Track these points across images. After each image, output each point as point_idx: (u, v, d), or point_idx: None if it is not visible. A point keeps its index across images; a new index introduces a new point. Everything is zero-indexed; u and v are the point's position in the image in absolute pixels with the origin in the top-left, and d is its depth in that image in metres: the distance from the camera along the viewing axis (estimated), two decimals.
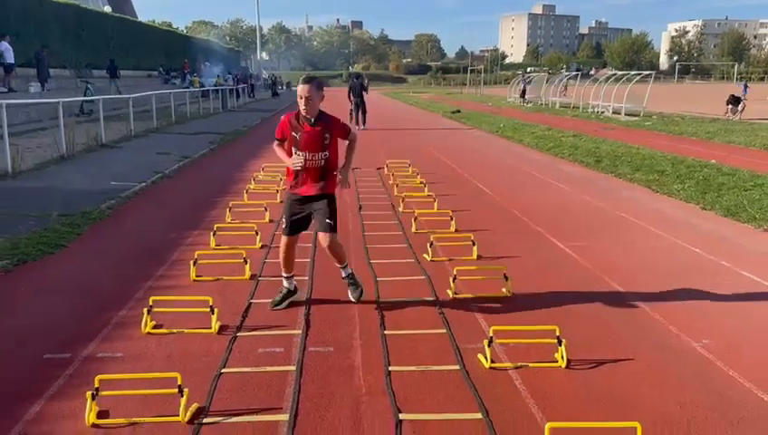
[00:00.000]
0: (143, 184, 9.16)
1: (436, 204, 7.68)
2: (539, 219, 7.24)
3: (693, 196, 8.34)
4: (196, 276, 5.02)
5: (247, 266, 5.15)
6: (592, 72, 46.24)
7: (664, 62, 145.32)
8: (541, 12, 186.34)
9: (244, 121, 22.23)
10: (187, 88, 28.22)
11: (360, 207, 7.86)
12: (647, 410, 2.98)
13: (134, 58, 34.30)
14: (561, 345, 3.46)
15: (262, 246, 6.00)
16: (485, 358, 3.46)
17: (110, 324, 4.10)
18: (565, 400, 3.04)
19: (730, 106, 23.15)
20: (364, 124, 19.94)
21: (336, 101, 41.78)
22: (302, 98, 4.08)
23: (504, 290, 4.68)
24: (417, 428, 2.92)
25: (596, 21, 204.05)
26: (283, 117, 4.30)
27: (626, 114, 23.48)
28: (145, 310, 4.03)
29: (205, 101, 26.47)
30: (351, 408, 3.10)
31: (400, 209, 7.70)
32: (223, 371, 3.47)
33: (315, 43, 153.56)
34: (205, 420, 2.95)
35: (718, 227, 6.92)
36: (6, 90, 18.68)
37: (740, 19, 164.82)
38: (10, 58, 19.70)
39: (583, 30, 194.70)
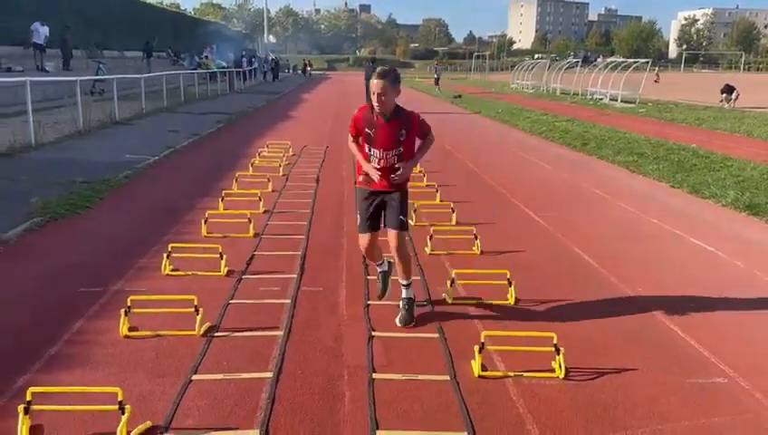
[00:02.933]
0: (156, 157, 9.87)
1: (425, 178, 8.37)
2: (517, 193, 7.92)
3: (665, 175, 8.99)
4: (207, 233, 5.74)
5: (251, 226, 5.87)
6: (600, 60, 46.43)
7: (673, 51, 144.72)
8: None
9: (250, 103, 22.88)
10: (195, 69, 28.80)
11: (356, 181, 8.54)
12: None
13: (141, 39, 34.87)
14: (558, 354, 3.30)
15: (264, 211, 6.70)
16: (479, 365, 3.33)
17: (134, 268, 4.83)
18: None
19: (724, 95, 23.66)
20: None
21: (342, 85, 42.42)
22: (374, 94, 3.76)
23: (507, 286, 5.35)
24: (387, 343, 3.63)
25: (605, 8, 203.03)
26: (356, 111, 4.01)
27: (622, 101, 24.02)
28: (164, 255, 4.76)
29: (212, 83, 27.10)
30: (334, 329, 3.82)
31: None
32: (230, 301, 4.20)
33: (323, 26, 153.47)
34: (216, 334, 3.68)
35: (681, 203, 7.59)
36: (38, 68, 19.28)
37: (752, 8, 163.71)
38: (38, 39, 20.33)
39: (592, 17, 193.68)
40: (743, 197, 7.35)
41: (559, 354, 3.28)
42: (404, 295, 3.96)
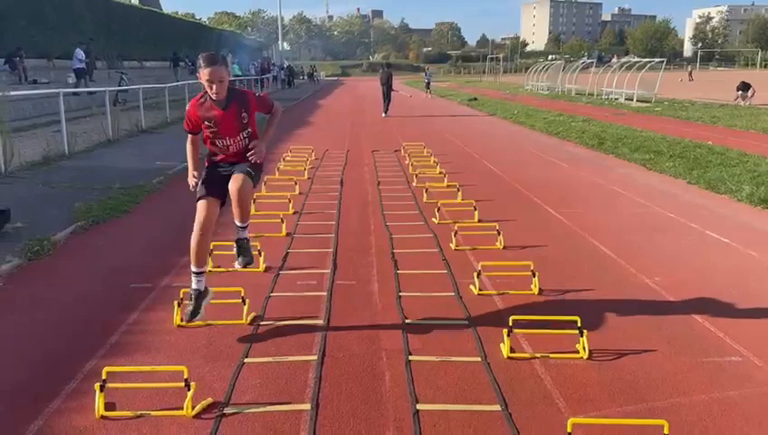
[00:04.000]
0: (185, 164, 10.19)
1: (446, 179, 8.63)
2: (536, 191, 8.14)
3: (681, 172, 9.17)
4: None
5: (283, 226, 6.17)
6: (614, 60, 46.38)
7: (688, 49, 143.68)
8: None
9: None
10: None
11: (379, 183, 8.84)
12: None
13: (162, 50, 35.53)
14: (582, 336, 3.50)
15: (294, 212, 6.99)
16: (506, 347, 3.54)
17: (178, 265, 5.13)
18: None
19: (740, 92, 23.67)
20: (386, 112, 20.88)
21: (357, 91, 42.80)
22: (210, 82, 3.62)
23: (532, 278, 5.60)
24: (420, 329, 3.89)
25: (619, 7, 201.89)
26: (188, 106, 3.90)
27: (638, 100, 24.12)
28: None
29: None
30: (370, 317, 4.09)
31: (414, 184, 8.65)
32: (271, 294, 4.49)
33: (336, 32, 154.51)
34: (261, 323, 3.97)
35: (697, 198, 7.78)
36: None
37: (767, 5, 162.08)
38: (79, 64, 20.69)
39: (606, 17, 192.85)
40: (758, 191, 7.52)
41: (582, 336, 3.52)
42: (240, 236, 4.18)
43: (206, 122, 3.78)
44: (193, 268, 3.81)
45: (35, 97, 16.44)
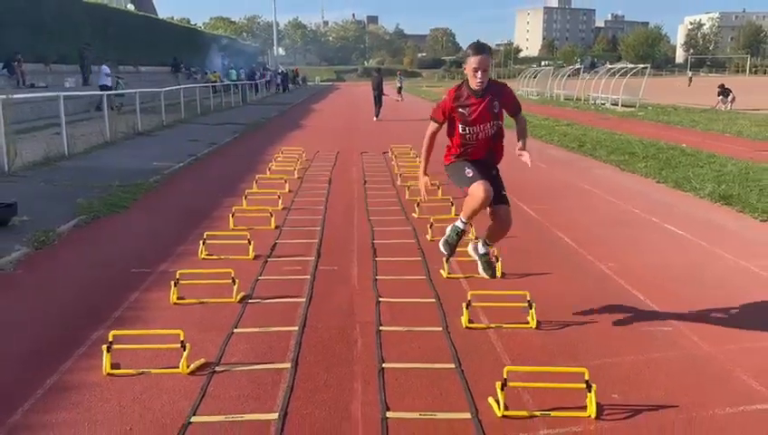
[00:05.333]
0: (181, 164, 10.70)
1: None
2: (511, 189, 8.59)
3: (652, 172, 9.68)
4: (234, 226, 6.50)
5: (272, 219, 6.63)
6: (606, 65, 46.97)
7: (680, 56, 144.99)
8: (556, 5, 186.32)
9: (263, 114, 23.76)
10: (206, 83, 29.83)
11: (365, 182, 9.31)
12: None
13: (157, 54, 35.98)
14: (531, 308, 3.97)
15: (283, 208, 7.45)
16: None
17: (175, 254, 5.59)
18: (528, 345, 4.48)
19: (720, 97, 24.29)
20: (377, 116, 21.37)
21: (351, 96, 43.33)
22: (476, 70, 3.78)
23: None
24: (391, 306, 4.36)
25: (612, 14, 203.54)
26: (445, 97, 4.07)
27: (623, 105, 24.71)
28: (201, 241, 5.53)
29: (226, 96, 28.07)
30: (348, 296, 4.56)
31: (398, 183, 9.12)
32: (259, 278, 4.95)
33: (331, 38, 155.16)
34: (250, 301, 4.43)
35: (664, 196, 8.28)
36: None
37: (758, 12, 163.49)
38: (105, 81, 20.92)
39: (599, 23, 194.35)
40: (719, 189, 8.03)
41: (531, 308, 4.00)
42: (482, 251, 4.29)
43: (459, 110, 3.90)
44: (463, 218, 4.06)
45: (35, 100, 16.86)
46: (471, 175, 3.96)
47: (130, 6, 42.83)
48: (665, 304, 4.37)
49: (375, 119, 21.18)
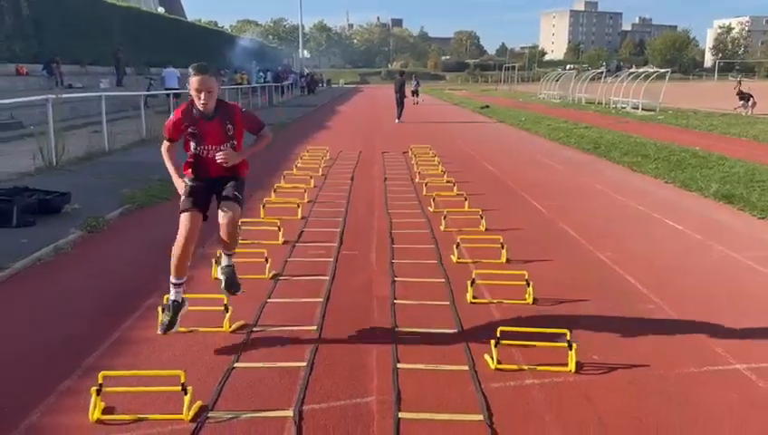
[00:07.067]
0: None
1: (445, 176, 9.64)
2: (525, 187, 9.12)
3: (661, 173, 10.08)
4: (264, 216, 7.10)
5: (299, 210, 7.23)
6: (632, 70, 46.91)
7: (708, 60, 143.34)
8: (583, 8, 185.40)
9: (289, 115, 24.47)
10: (233, 84, 30.68)
11: (385, 178, 9.88)
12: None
13: (185, 56, 36.96)
14: (529, 286, 4.51)
15: (309, 201, 8.04)
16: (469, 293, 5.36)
17: (211, 238, 6.16)
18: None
19: (741, 102, 24.41)
20: (399, 118, 21.93)
21: (374, 99, 43.97)
22: (198, 91, 3.60)
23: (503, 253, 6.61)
24: (406, 285, 4.90)
25: (639, 17, 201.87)
26: (171, 116, 3.92)
27: (643, 109, 24.95)
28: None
29: (253, 97, 28.88)
30: (367, 276, 5.12)
31: (416, 180, 9.67)
32: (288, 259, 5.53)
33: (355, 40, 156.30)
34: (280, 278, 5.02)
35: (670, 195, 8.70)
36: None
37: None
38: (171, 83, 21.76)
39: (626, 27, 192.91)
40: (723, 188, 8.42)
41: (529, 286, 4.52)
42: (225, 263, 4.14)
43: (190, 129, 3.74)
44: (173, 279, 3.81)
45: (73, 100, 17.73)
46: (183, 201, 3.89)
47: (161, 9, 44.08)
48: (652, 287, 4.84)
49: (396, 121, 21.73)
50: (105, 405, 3.02)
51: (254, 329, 4.01)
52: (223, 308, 4.00)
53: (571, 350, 3.46)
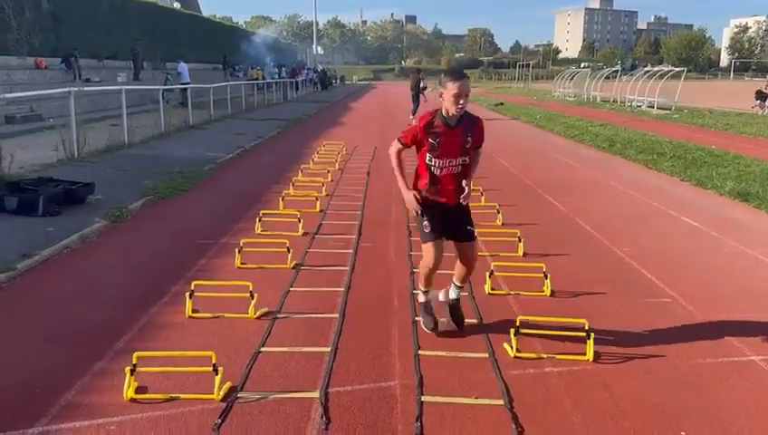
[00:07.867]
0: (231, 155, 11.52)
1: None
2: (541, 183, 9.18)
3: (677, 171, 10.09)
4: (284, 208, 7.21)
5: (318, 203, 7.34)
6: (648, 69, 46.66)
7: (724, 60, 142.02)
8: (598, 6, 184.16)
9: (304, 111, 24.62)
10: (249, 80, 30.89)
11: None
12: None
13: (201, 52, 37.21)
14: (546, 278, 4.61)
15: (326, 195, 8.14)
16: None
17: (233, 229, 6.33)
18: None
19: (758, 102, 24.25)
20: (414, 114, 21.97)
21: (387, 95, 44.01)
22: (456, 97, 3.53)
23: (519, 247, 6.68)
24: None
25: (655, 16, 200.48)
26: (416, 121, 3.85)
27: (659, 108, 24.84)
28: (257, 219, 6.26)
29: (268, 93, 29.06)
30: (385, 267, 5.22)
31: None
32: (308, 250, 5.64)
33: (369, 37, 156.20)
34: (302, 268, 5.13)
35: (685, 192, 8.73)
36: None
37: None
38: (185, 78, 21.86)
39: (641, 25, 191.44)
40: (738, 186, 8.44)
41: (547, 279, 4.60)
42: (453, 296, 4.04)
43: (429, 139, 3.64)
44: (422, 288, 4.02)
45: (91, 94, 17.95)
46: (428, 229, 3.81)
47: (177, 5, 44.33)
48: (668, 281, 4.90)
49: (412, 117, 21.76)
50: (138, 385, 3.14)
51: (279, 316, 4.12)
52: (248, 295, 4.11)
53: (589, 339, 3.54)
